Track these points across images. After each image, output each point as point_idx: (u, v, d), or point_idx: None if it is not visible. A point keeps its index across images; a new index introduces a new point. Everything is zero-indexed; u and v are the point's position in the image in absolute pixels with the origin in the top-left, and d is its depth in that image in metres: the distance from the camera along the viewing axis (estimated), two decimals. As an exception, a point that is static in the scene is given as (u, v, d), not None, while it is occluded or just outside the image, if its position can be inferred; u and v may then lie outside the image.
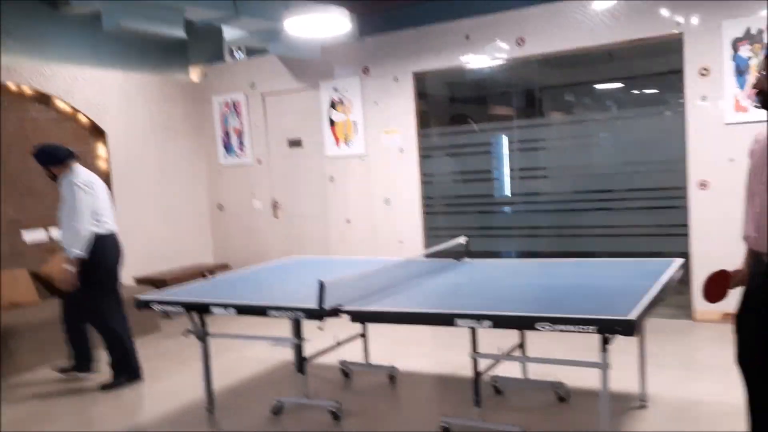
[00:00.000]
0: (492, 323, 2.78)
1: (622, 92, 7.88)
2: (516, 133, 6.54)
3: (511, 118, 7.65)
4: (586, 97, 7.91)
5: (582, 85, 7.70)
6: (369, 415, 3.80)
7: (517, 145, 6.43)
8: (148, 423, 3.90)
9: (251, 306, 3.43)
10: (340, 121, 6.78)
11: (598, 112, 7.47)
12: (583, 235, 6.05)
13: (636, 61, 7.12)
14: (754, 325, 2.54)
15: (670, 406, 3.62)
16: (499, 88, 7.30)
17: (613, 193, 6.08)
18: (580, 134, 6.24)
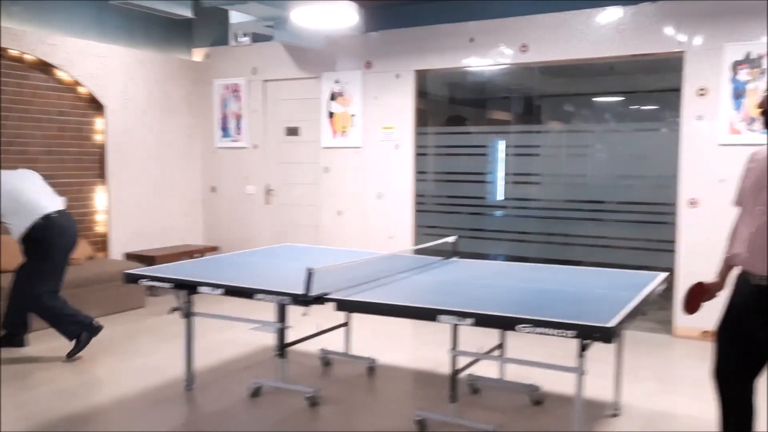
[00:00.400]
0: (474, 321, 2.82)
1: (620, 106, 7.96)
2: (512, 138, 6.60)
3: (508, 122, 7.72)
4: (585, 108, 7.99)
5: (581, 96, 7.78)
6: (345, 403, 3.85)
7: (512, 150, 6.48)
8: (125, 397, 3.92)
9: (239, 288, 3.46)
10: (338, 113, 6.81)
11: (595, 123, 7.54)
12: (571, 244, 6.11)
13: (636, 77, 7.20)
14: (737, 339, 2.62)
15: (642, 416, 3.69)
16: (499, 92, 7.37)
17: (604, 205, 6.15)
18: (575, 144, 6.31)
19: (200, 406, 3.82)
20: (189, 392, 3.98)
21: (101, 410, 3.72)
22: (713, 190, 5.20)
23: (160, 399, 3.89)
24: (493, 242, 6.49)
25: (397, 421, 3.56)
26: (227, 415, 3.67)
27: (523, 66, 6.03)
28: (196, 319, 3.96)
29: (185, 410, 3.77)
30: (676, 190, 5.41)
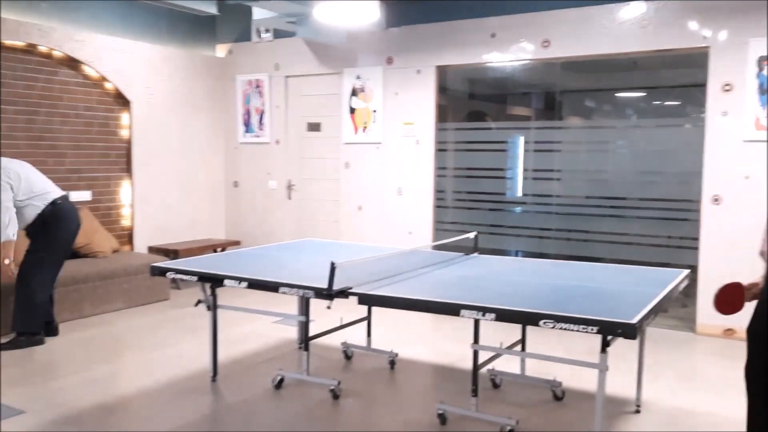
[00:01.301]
0: (495, 316, 2.85)
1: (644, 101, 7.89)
2: (533, 134, 6.58)
3: (529, 118, 7.69)
4: (607, 104, 7.93)
5: (603, 91, 7.72)
6: (367, 396, 3.89)
7: (532, 146, 6.47)
8: (151, 387, 4.00)
9: (264, 281, 3.51)
10: (359, 108, 6.85)
11: (617, 119, 7.49)
12: (592, 241, 6.10)
13: (660, 72, 7.13)
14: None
15: (663, 413, 3.68)
16: (520, 88, 7.34)
17: (626, 201, 6.12)
18: (597, 140, 6.28)
19: (225, 396, 3.89)
20: (214, 383, 4.05)
21: (128, 400, 3.80)
22: (737, 186, 5.16)
23: (186, 390, 3.96)
24: (513, 239, 6.50)
25: (419, 415, 3.59)
26: (251, 406, 3.73)
27: (545, 61, 6.02)
28: (219, 312, 4.03)
29: (210, 401, 3.84)
30: (699, 186, 5.37)
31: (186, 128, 7.29)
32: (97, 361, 4.45)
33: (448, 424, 3.46)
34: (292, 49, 7.21)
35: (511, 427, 3.28)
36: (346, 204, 7.05)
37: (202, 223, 7.58)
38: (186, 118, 7.29)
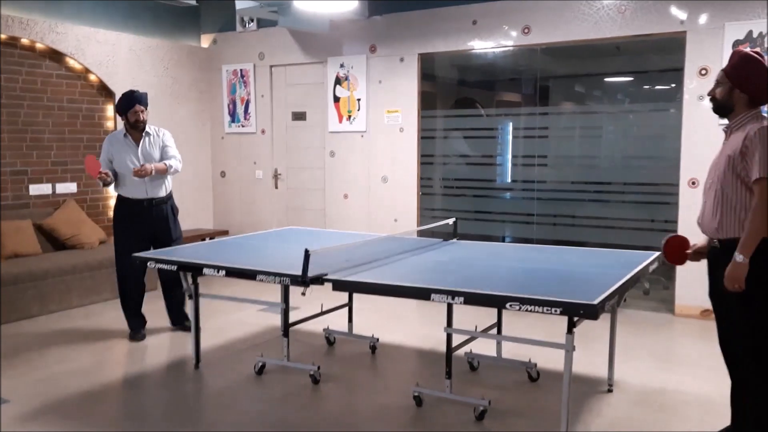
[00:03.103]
0: (464, 299, 2.92)
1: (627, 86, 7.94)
2: (516, 120, 6.63)
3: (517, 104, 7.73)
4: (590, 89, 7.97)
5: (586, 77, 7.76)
6: (347, 380, 3.97)
7: (516, 132, 6.52)
8: (134, 375, 4.07)
9: (241, 269, 3.58)
10: (344, 97, 6.89)
11: (601, 104, 7.54)
12: (578, 225, 6.17)
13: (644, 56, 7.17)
14: (718, 303, 2.92)
15: (634, 391, 3.77)
16: (507, 74, 7.37)
17: (609, 186, 6.20)
18: (582, 125, 6.34)
19: (206, 383, 3.96)
20: (197, 371, 4.12)
21: (111, 388, 3.87)
22: (714, 169, 5.22)
23: (168, 377, 4.04)
24: (499, 224, 6.56)
25: (396, 398, 3.67)
26: (232, 392, 3.81)
27: (526, 48, 6.05)
28: (207, 300, 4.09)
29: (192, 388, 3.91)
30: (678, 170, 5.44)
31: (171, 118, 7.30)
32: (83, 351, 4.52)
33: (423, 407, 3.54)
34: (277, 39, 7.23)
35: (484, 407, 3.36)
36: (332, 192, 7.10)
37: (190, 214, 7.62)
38: (172, 108, 7.30)
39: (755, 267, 2.70)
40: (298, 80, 7.30)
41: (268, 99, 7.45)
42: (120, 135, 4.83)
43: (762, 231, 2.67)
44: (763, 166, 2.63)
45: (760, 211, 2.66)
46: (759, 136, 2.67)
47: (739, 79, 2.81)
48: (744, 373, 2.86)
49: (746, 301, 2.76)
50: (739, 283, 2.72)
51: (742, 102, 2.81)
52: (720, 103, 2.89)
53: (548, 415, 3.44)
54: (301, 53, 7.13)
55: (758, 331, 2.78)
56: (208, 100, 7.73)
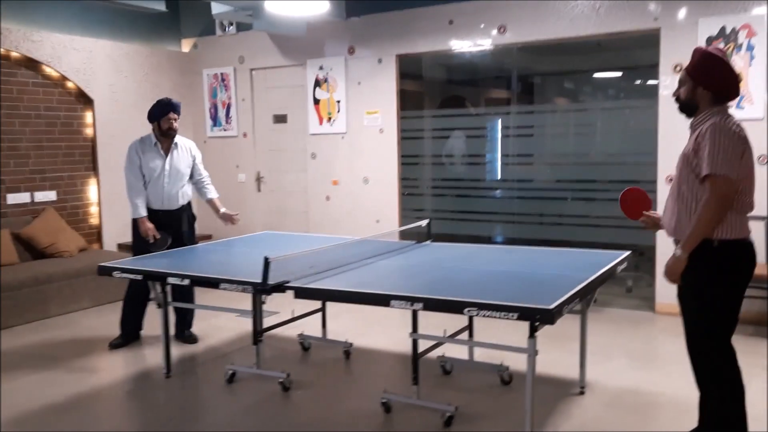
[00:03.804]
0: (423, 306, 2.89)
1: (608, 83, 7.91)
2: (498, 119, 6.60)
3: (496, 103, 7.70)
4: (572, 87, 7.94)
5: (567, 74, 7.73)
6: (317, 387, 3.94)
7: (502, 131, 6.48)
8: (105, 386, 4.04)
9: (205, 277, 3.56)
10: (323, 99, 6.85)
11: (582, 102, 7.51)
12: (562, 224, 6.13)
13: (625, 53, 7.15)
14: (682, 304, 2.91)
15: (607, 393, 3.74)
16: (485, 73, 7.35)
17: (593, 184, 6.15)
18: (562, 123, 6.30)
19: (175, 393, 3.93)
20: (168, 380, 4.09)
21: (80, 399, 3.83)
22: (691, 166, 5.18)
23: (139, 387, 4.01)
24: (483, 224, 6.49)
25: (365, 404, 3.64)
26: (200, 401, 3.78)
27: (503, 47, 6.01)
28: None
29: (161, 397, 3.88)
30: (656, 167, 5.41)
31: (152, 124, 7.27)
32: (55, 361, 4.48)
33: (392, 413, 3.51)
34: (256, 42, 7.20)
35: (451, 413, 3.33)
36: (314, 195, 7.07)
37: (173, 219, 7.59)
38: (152, 114, 7.26)
39: (707, 270, 2.68)
40: (278, 83, 7.27)
41: (249, 102, 7.42)
42: (151, 141, 4.75)
43: (707, 229, 2.64)
44: (713, 162, 2.58)
45: (706, 208, 2.62)
46: (711, 132, 2.63)
47: (701, 77, 2.77)
48: (704, 374, 2.83)
49: (700, 305, 2.75)
50: (675, 277, 2.73)
51: (705, 99, 2.77)
52: (684, 103, 2.86)
53: (518, 418, 3.40)
54: (280, 56, 7.10)
55: (713, 333, 2.76)
56: (189, 105, 7.69)
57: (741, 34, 4.94)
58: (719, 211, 2.61)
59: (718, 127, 2.63)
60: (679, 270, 2.72)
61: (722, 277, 2.71)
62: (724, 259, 2.69)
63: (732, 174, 2.59)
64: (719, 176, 2.58)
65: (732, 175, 2.59)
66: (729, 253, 2.69)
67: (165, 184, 4.75)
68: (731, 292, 2.74)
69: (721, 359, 2.78)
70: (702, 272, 2.71)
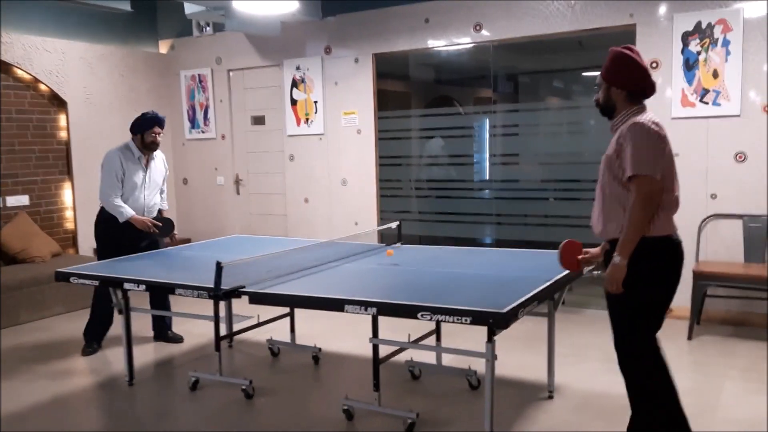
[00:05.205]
0: (377, 310, 2.81)
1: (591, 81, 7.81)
2: (476, 118, 6.52)
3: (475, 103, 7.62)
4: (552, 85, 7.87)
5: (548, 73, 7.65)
6: (282, 394, 3.85)
7: (476, 131, 6.41)
8: (66, 394, 3.94)
9: (160, 283, 3.47)
10: (301, 100, 6.77)
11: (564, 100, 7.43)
12: (544, 225, 6.04)
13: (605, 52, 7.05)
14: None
15: (575, 396, 3.66)
16: (461, 73, 7.27)
17: (577, 183, 6.05)
18: (544, 122, 6.20)
19: (137, 401, 3.84)
20: (131, 387, 4.00)
21: (39, 408, 3.74)
22: (668, 164, 5.11)
23: (100, 395, 3.92)
24: (464, 225, 6.38)
25: (328, 411, 3.55)
26: (162, 409, 3.69)
27: (480, 45, 5.93)
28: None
29: (121, 406, 3.79)
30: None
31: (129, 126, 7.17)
32: (20, 369, 4.39)
33: (355, 420, 3.42)
34: (233, 43, 7.11)
35: (412, 420, 3.24)
36: (293, 197, 6.99)
37: (151, 222, 7.49)
38: (129, 116, 6.99)
39: (632, 267, 2.65)
40: (255, 84, 7.18)
41: (227, 104, 7.33)
42: (134, 154, 4.67)
43: (639, 230, 2.60)
44: (635, 163, 2.56)
45: (634, 210, 2.59)
46: (631, 133, 2.61)
47: (612, 77, 2.76)
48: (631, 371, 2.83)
49: (625, 302, 2.73)
50: (617, 285, 2.68)
51: (621, 99, 2.75)
52: (602, 105, 2.84)
53: (482, 424, 3.32)
54: (257, 56, 7.02)
55: (638, 329, 2.76)
56: (167, 106, 7.60)
57: (717, 29, 4.87)
58: (647, 210, 2.60)
59: (638, 127, 2.61)
60: (621, 277, 2.66)
61: (647, 274, 2.68)
62: (648, 256, 2.66)
63: (655, 173, 2.58)
64: (643, 176, 2.56)
65: (655, 174, 2.58)
66: (653, 250, 2.66)
67: (145, 196, 4.70)
68: (656, 289, 2.73)
69: (648, 356, 2.77)
70: (631, 270, 2.66)
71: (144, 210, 4.70)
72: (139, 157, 4.68)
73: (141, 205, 4.68)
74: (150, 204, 4.76)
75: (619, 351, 2.83)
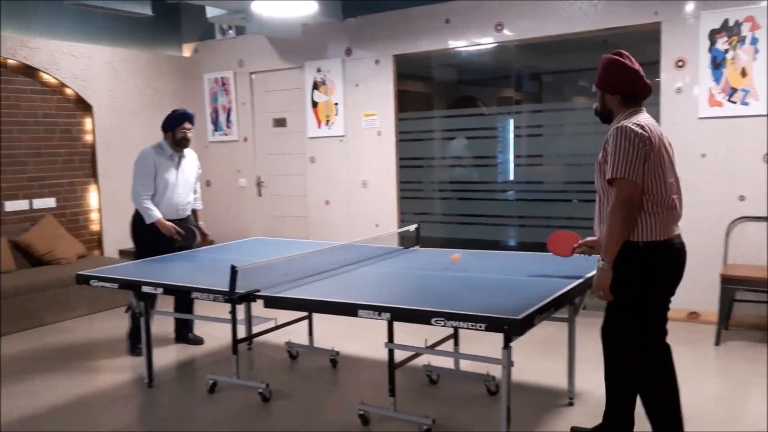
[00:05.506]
0: (391, 316, 2.78)
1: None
2: (499, 119, 6.44)
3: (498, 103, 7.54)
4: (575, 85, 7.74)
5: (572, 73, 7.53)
6: (299, 397, 3.83)
7: (499, 132, 6.33)
8: (87, 396, 3.98)
9: (178, 286, 3.48)
10: (321, 102, 6.77)
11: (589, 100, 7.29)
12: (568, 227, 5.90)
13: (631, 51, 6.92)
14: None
15: (596, 403, 3.57)
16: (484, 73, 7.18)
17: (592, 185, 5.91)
18: (568, 122, 6.10)
19: (155, 404, 3.86)
20: (150, 389, 4.02)
21: (59, 410, 3.78)
22: (694, 166, 5.00)
23: (120, 397, 3.94)
24: (488, 228, 6.30)
25: (344, 416, 3.53)
26: (180, 412, 3.70)
27: (502, 45, 5.86)
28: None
29: (139, 408, 3.82)
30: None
31: (153, 130, 7.18)
32: (42, 370, 4.44)
33: (371, 425, 3.40)
34: (255, 45, 7.14)
35: (428, 427, 3.21)
36: (314, 199, 6.99)
37: (175, 224, 7.56)
38: (153, 119, 7.22)
39: (623, 273, 2.65)
40: (277, 86, 7.20)
41: (249, 106, 7.37)
42: (167, 152, 4.70)
43: (619, 234, 2.61)
44: (614, 166, 2.58)
45: (612, 213, 2.61)
46: (612, 136, 2.64)
47: (605, 84, 2.80)
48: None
49: (618, 311, 2.76)
50: (603, 290, 2.70)
51: (616, 104, 2.79)
52: (601, 113, 2.88)
53: (499, 431, 3.27)
54: (279, 59, 7.04)
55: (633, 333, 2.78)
56: (191, 109, 7.62)
57: (744, 26, 4.74)
58: (627, 214, 2.60)
59: (619, 130, 2.63)
60: (607, 283, 2.68)
61: (640, 278, 2.69)
62: (640, 261, 2.66)
63: (632, 176, 2.57)
64: (621, 180, 2.58)
65: (633, 178, 2.57)
66: (646, 255, 2.66)
67: (179, 194, 4.72)
68: (651, 295, 2.73)
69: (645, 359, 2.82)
70: (620, 274, 2.67)
71: (177, 209, 4.71)
72: (171, 155, 4.70)
73: (175, 203, 4.69)
74: (183, 203, 4.76)
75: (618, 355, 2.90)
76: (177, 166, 4.73)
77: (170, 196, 4.67)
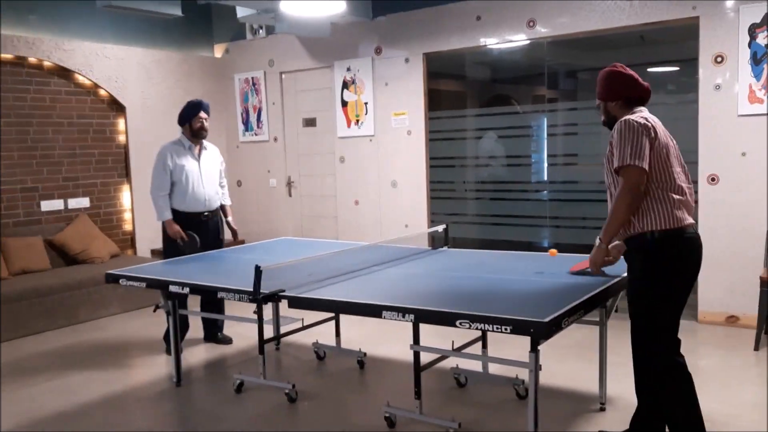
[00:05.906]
0: (415, 317, 2.73)
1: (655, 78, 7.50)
2: (532, 117, 6.33)
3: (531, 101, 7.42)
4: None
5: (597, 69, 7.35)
6: (325, 399, 3.81)
7: (533, 130, 6.22)
8: (116, 393, 4.01)
9: (204, 286, 3.49)
10: (351, 101, 6.75)
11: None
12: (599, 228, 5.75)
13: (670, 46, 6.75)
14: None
15: (628, 409, 3.44)
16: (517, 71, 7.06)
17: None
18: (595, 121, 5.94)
19: (183, 402, 3.88)
20: (178, 388, 4.04)
21: (89, 407, 3.82)
22: (734, 164, 4.83)
23: (148, 396, 3.97)
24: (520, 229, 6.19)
25: (370, 418, 3.49)
26: (206, 412, 3.71)
27: (535, 41, 5.76)
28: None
29: (166, 407, 3.83)
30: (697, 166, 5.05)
31: (185, 130, 7.32)
32: (74, 368, 4.51)
33: (396, 427, 3.35)
34: (285, 45, 7.15)
35: (454, 430, 3.14)
36: (343, 199, 6.97)
37: (206, 224, 7.62)
38: (185, 120, 7.31)
39: (641, 262, 2.72)
40: (307, 86, 7.20)
41: (279, 106, 7.38)
42: (185, 144, 4.73)
43: (620, 218, 2.72)
44: (621, 154, 2.67)
45: (618, 198, 2.69)
46: (616, 129, 2.74)
47: (606, 93, 2.92)
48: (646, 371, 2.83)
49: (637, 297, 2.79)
50: (595, 267, 2.93)
51: (618, 109, 2.89)
52: (607, 122, 2.97)
53: (527, 437, 3.19)
54: (308, 58, 7.04)
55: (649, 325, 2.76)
56: (222, 110, 7.72)
57: (787, 20, 4.56)
58: (631, 200, 2.68)
59: (622, 123, 2.74)
60: (599, 260, 2.91)
61: (652, 270, 2.71)
62: (652, 251, 2.71)
63: (640, 162, 2.64)
64: (628, 166, 2.65)
65: (640, 164, 2.64)
66: (657, 244, 2.70)
67: (204, 185, 4.72)
68: (663, 284, 2.72)
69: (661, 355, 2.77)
70: (636, 265, 2.76)
71: (204, 201, 4.72)
72: (189, 147, 4.72)
73: (200, 195, 4.69)
74: (210, 194, 4.75)
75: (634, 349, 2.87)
76: (197, 158, 4.73)
77: (194, 188, 4.67)
